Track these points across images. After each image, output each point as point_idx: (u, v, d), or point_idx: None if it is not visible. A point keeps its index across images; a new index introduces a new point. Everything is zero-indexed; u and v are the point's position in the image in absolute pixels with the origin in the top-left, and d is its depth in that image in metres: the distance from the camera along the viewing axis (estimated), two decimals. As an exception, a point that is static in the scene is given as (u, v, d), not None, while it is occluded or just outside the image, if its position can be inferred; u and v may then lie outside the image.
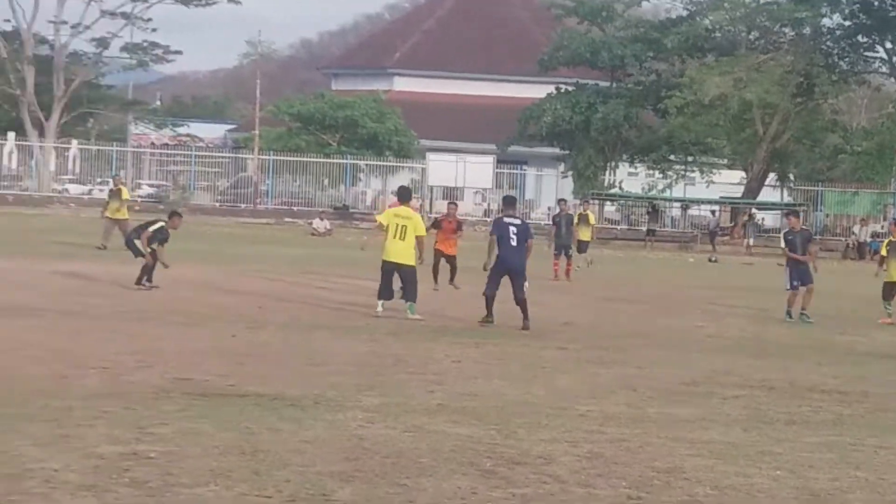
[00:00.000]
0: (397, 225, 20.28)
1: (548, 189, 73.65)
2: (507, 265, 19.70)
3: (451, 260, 26.63)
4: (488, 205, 70.60)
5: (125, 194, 35.94)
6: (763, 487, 9.15)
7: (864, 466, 10.07)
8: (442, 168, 66.45)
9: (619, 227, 69.66)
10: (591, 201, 48.92)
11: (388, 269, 20.28)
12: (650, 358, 16.70)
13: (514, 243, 19.67)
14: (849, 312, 25.51)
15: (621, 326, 21.11)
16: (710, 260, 50.84)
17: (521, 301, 19.47)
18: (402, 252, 20.18)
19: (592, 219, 36.27)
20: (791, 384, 14.79)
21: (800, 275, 23.58)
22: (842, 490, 9.19)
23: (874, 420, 12.49)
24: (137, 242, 23.69)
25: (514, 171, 72.32)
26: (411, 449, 9.82)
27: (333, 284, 26.46)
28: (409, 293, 20.40)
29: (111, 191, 36.81)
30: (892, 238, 24.35)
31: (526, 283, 19.62)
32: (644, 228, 66.08)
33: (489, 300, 19.64)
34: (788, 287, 23.61)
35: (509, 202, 21.64)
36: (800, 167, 71.31)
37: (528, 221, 23.52)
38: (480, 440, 10.32)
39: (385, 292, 20.47)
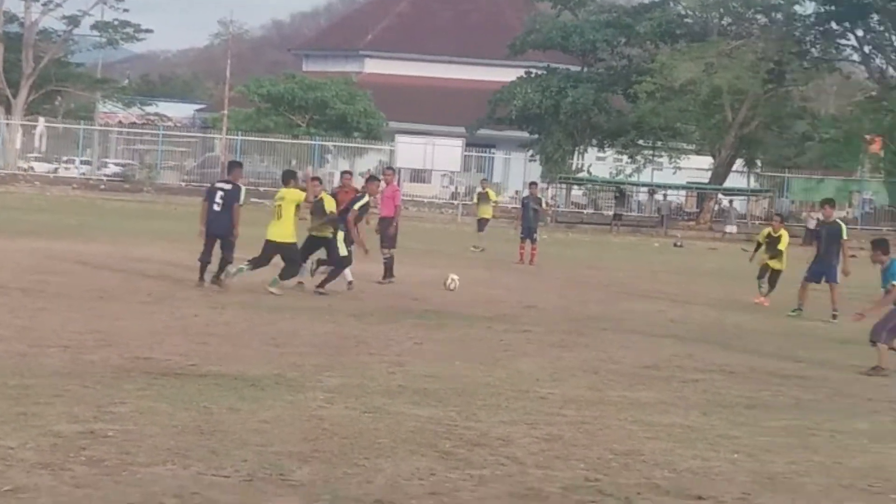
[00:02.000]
0: (277, 206, 20.92)
1: (516, 172, 73.83)
2: (211, 230, 20.37)
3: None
4: (456, 188, 70.61)
5: None
6: (721, 471, 9.17)
7: (822, 451, 10.12)
8: (410, 150, 66.33)
9: (585, 211, 69.80)
10: (551, 184, 48.85)
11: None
12: (613, 342, 16.73)
13: (217, 208, 20.25)
14: (810, 298, 25.44)
15: (585, 310, 21.12)
16: (675, 245, 50.94)
17: (228, 260, 20.23)
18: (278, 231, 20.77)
19: (493, 195, 36.18)
20: (752, 369, 14.84)
21: (821, 268, 22.68)
22: (798, 474, 9.22)
23: (833, 405, 12.55)
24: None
25: (483, 155, 72.36)
26: (370, 430, 9.81)
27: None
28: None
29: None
30: (771, 232, 24.41)
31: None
32: (610, 213, 66.19)
33: (203, 266, 20.29)
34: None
35: (232, 166, 22.02)
36: (767, 153, 71.51)
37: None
38: (440, 422, 10.32)
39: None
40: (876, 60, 66.90)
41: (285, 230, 20.73)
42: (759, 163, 72.72)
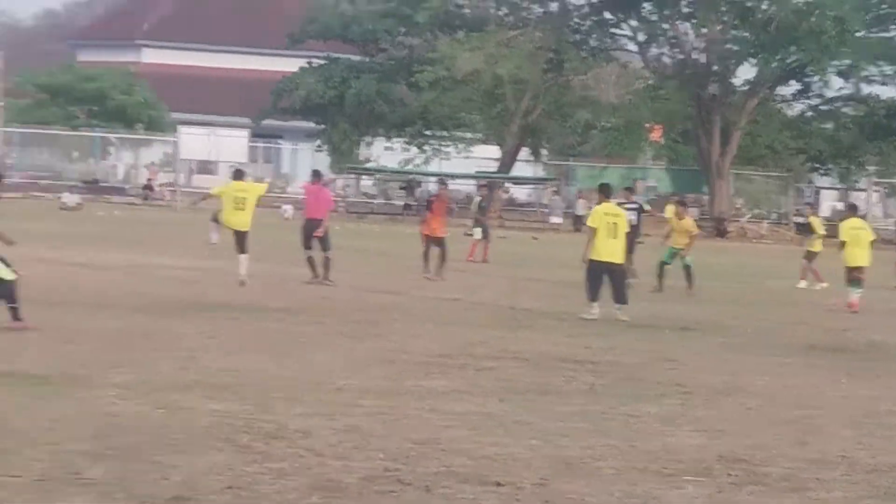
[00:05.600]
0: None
1: (304, 163, 73.43)
2: None
3: (439, 243, 26.44)
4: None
5: None
6: (518, 456, 9.24)
7: (615, 434, 10.27)
8: (194, 141, 65.48)
9: (375, 202, 69.78)
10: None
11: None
12: (406, 331, 16.75)
13: None
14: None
15: (377, 299, 21.11)
16: (465, 234, 51.24)
17: None
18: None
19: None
20: (543, 355, 14.99)
21: None
22: (594, 458, 9.34)
23: (624, 389, 12.74)
24: None
25: (270, 145, 71.87)
26: (164, 426, 9.65)
27: (86, 259, 25.86)
28: None
29: None
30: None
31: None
32: (401, 203, 66.26)
33: None
34: None
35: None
36: (552, 142, 72.42)
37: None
38: (237, 416, 10.19)
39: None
40: (652, 49, 68.20)
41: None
42: (544, 151, 73.59)
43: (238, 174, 23.77)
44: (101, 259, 26.18)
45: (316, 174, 25.82)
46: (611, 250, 19.48)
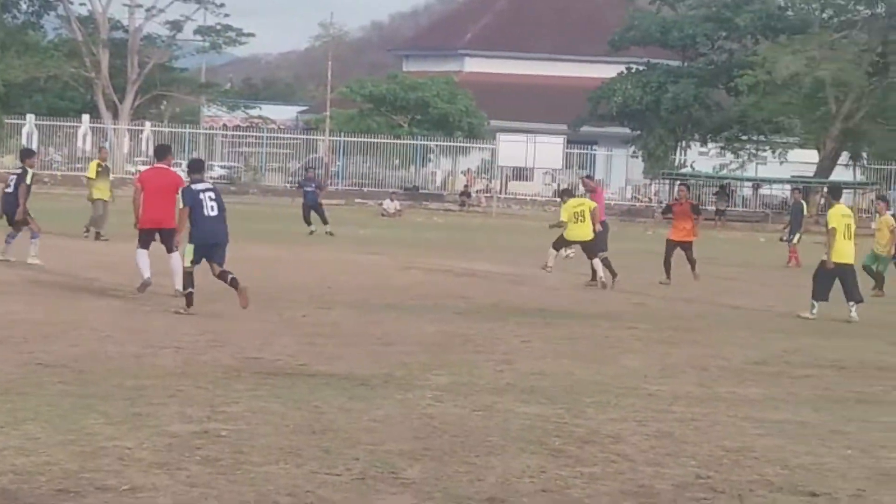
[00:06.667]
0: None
1: (618, 169, 73.47)
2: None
3: (685, 247, 25.61)
4: (558, 185, 70.46)
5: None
6: (834, 467, 9.10)
7: (938, 446, 9.99)
8: (512, 148, 66.17)
9: (689, 207, 69.27)
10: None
11: None
12: (720, 338, 16.64)
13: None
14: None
15: (691, 306, 21.02)
16: (781, 239, 50.39)
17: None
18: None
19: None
20: (861, 363, 14.71)
21: None
22: (914, 469, 9.13)
23: (948, 400, 12.37)
24: None
25: (585, 152, 72.14)
26: (480, 428, 9.86)
27: (402, 265, 26.54)
28: None
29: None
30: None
31: None
32: (713, 208, 65.66)
33: None
34: None
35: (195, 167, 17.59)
36: (874, 146, 70.42)
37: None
38: (549, 419, 10.33)
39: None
40: None
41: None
42: (865, 155, 71.67)
43: (566, 193, 25.07)
44: (421, 263, 26.83)
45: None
46: (846, 252, 19.98)
